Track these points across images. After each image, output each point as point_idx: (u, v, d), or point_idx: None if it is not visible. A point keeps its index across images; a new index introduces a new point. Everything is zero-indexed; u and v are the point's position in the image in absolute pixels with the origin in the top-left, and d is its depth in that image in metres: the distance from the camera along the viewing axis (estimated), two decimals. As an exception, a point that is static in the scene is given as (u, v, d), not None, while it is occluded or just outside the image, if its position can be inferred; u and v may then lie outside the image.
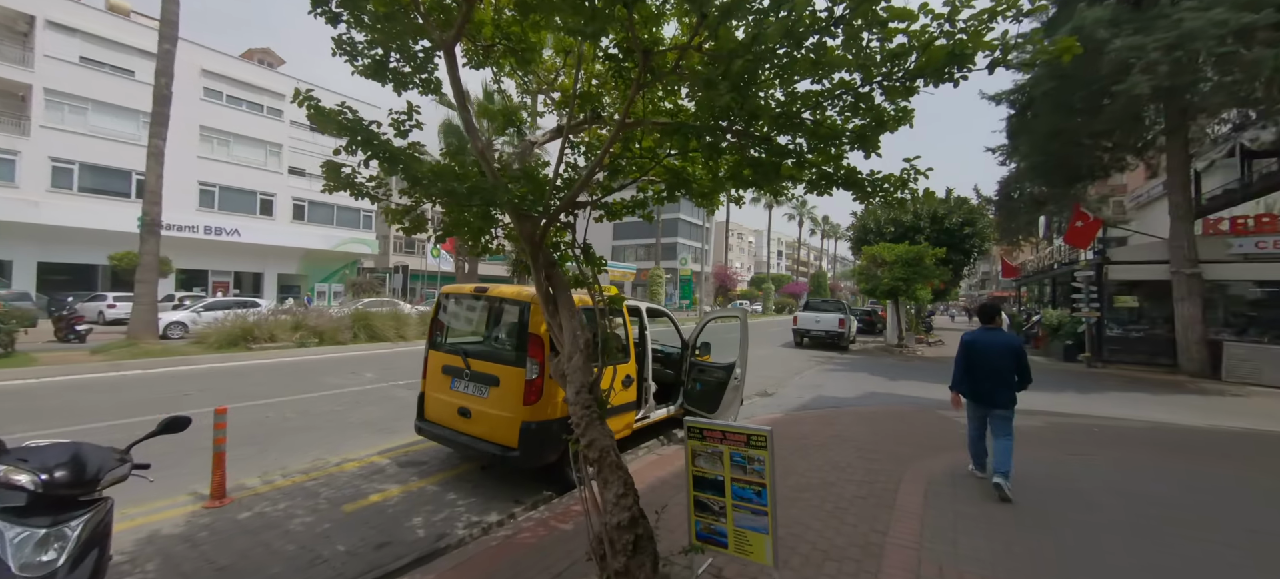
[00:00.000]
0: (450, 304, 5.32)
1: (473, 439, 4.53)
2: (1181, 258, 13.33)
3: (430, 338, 5.15)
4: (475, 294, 5.17)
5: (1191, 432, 7.32)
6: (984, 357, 4.68)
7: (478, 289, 5.14)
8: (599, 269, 3.31)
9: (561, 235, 3.12)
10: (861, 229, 28.64)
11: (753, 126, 2.43)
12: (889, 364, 15.09)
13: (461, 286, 5.25)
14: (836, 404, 8.96)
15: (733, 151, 2.70)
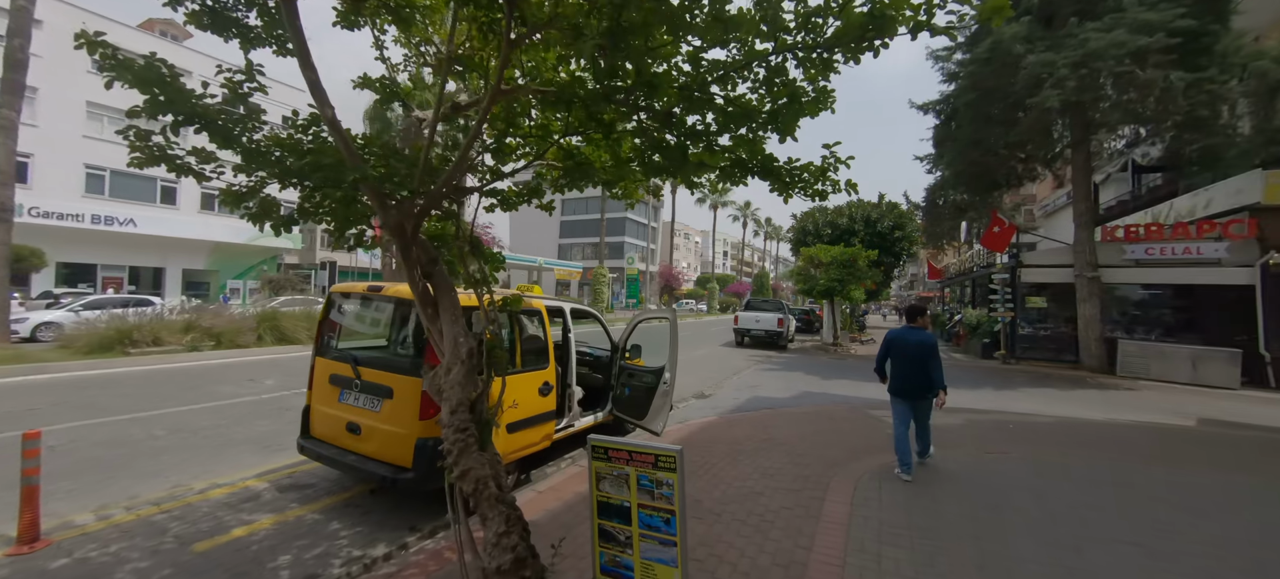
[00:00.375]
0: (342, 304, 4.70)
1: (362, 459, 3.98)
2: (1084, 262, 14.38)
3: (318, 342, 4.52)
4: (369, 293, 4.59)
5: (1094, 426, 7.73)
6: (903, 351, 5.12)
7: (371, 287, 4.57)
8: (496, 266, 2.89)
9: (447, 226, 2.67)
10: (800, 231, 29.42)
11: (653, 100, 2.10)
12: (824, 363, 15.41)
13: (354, 285, 4.65)
14: (772, 405, 8.90)
15: (639, 134, 2.37)
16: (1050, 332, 16.33)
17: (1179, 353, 13.10)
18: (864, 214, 27.66)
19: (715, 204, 56.79)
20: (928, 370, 4.99)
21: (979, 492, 4.70)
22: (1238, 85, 11.13)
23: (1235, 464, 5.90)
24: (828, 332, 20.50)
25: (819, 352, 18.95)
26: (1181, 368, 12.94)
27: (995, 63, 11.98)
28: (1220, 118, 11.55)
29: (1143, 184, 20.38)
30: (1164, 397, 11.12)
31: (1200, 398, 10.98)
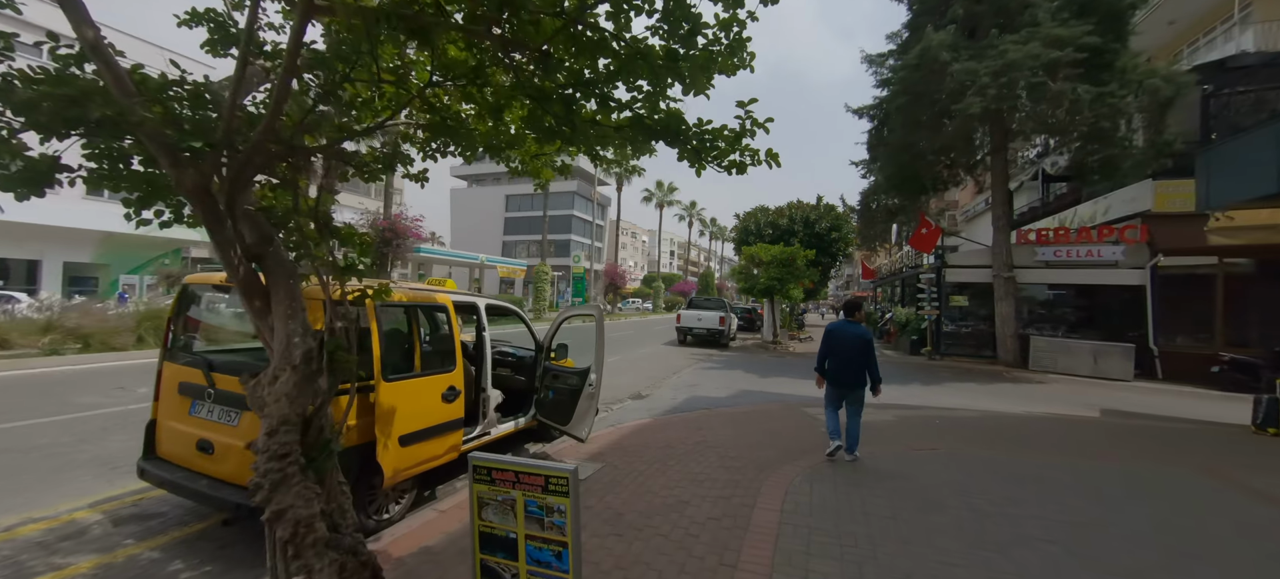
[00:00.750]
0: (199, 297, 3.98)
1: (215, 483, 3.32)
2: (1001, 263, 15.22)
3: (166, 345, 3.79)
4: (228, 283, 3.90)
5: (1012, 419, 8.02)
6: (841, 343, 5.45)
7: (233, 278, 3.88)
8: (363, 251, 2.37)
9: (283, 198, 2.14)
10: (743, 231, 29.83)
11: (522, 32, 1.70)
12: (764, 361, 15.51)
13: (210, 275, 3.94)
14: (709, 404, 8.69)
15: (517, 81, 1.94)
16: (971, 329, 17.23)
17: (1082, 348, 14.10)
18: (803, 215, 28.41)
19: (661, 202, 56.90)
20: (863, 364, 5.36)
21: (908, 491, 4.61)
22: (1133, 101, 12.04)
23: (1138, 453, 6.20)
24: (768, 330, 20.80)
25: (759, 350, 19.14)
26: (1084, 362, 13.92)
27: (924, 69, 12.41)
28: (1119, 131, 12.47)
29: (1051, 192, 22.00)
30: (1070, 389, 11.88)
31: (1101, 390, 11.81)
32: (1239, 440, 7.03)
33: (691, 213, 65.38)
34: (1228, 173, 8.02)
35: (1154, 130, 12.43)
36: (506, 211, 74.44)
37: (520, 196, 71.28)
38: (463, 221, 74.00)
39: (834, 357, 5.45)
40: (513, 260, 54.54)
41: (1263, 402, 7.64)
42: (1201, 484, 5.07)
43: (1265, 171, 7.34)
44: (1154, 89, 11.87)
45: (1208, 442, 6.92)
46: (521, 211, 69.96)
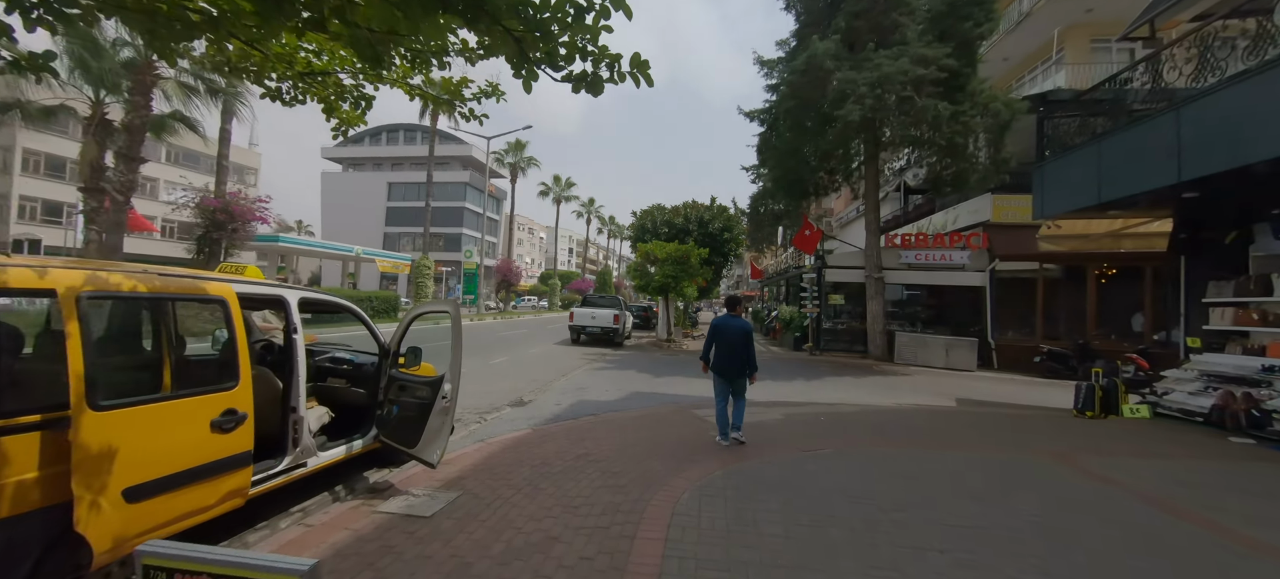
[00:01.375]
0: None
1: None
2: (872, 264, 16.39)
3: None
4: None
5: (886, 413, 8.33)
6: (725, 336, 5.97)
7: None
8: None
9: None
10: (639, 228, 29.64)
11: None
12: (657, 360, 15.25)
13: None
14: (598, 410, 8.04)
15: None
16: (846, 326, 18.47)
17: (937, 342, 15.60)
18: (698, 215, 28.83)
19: (558, 197, 55.45)
20: (744, 353, 5.92)
21: (799, 503, 4.29)
22: (980, 121, 13.45)
23: (999, 442, 6.59)
24: (662, 328, 20.72)
25: (654, 348, 18.96)
26: (938, 354, 15.41)
27: (810, 75, 12.88)
28: (968, 148, 13.88)
29: (910, 202, 24.48)
30: (929, 380, 12.97)
31: (953, 380, 13.03)
32: (1068, 424, 7.85)
33: (590, 210, 64.67)
34: (1057, 186, 9.04)
35: (994, 149, 14.00)
36: (389, 200, 68.31)
37: (405, 185, 65.76)
38: (337, 209, 66.49)
39: (719, 348, 5.97)
40: (396, 254, 49.89)
41: (1082, 389, 8.66)
42: (1057, 471, 5.39)
43: (1087, 186, 8.32)
44: (996, 111, 13.35)
45: (1047, 426, 7.62)
46: (406, 201, 64.49)
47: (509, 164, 48.13)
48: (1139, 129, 7.26)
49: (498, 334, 21.80)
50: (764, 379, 12.34)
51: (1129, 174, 7.40)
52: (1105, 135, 7.88)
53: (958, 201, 18.47)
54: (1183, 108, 6.59)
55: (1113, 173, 7.73)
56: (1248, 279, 7.70)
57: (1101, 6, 16.96)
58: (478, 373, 11.12)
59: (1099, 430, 7.39)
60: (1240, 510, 4.33)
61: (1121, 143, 7.56)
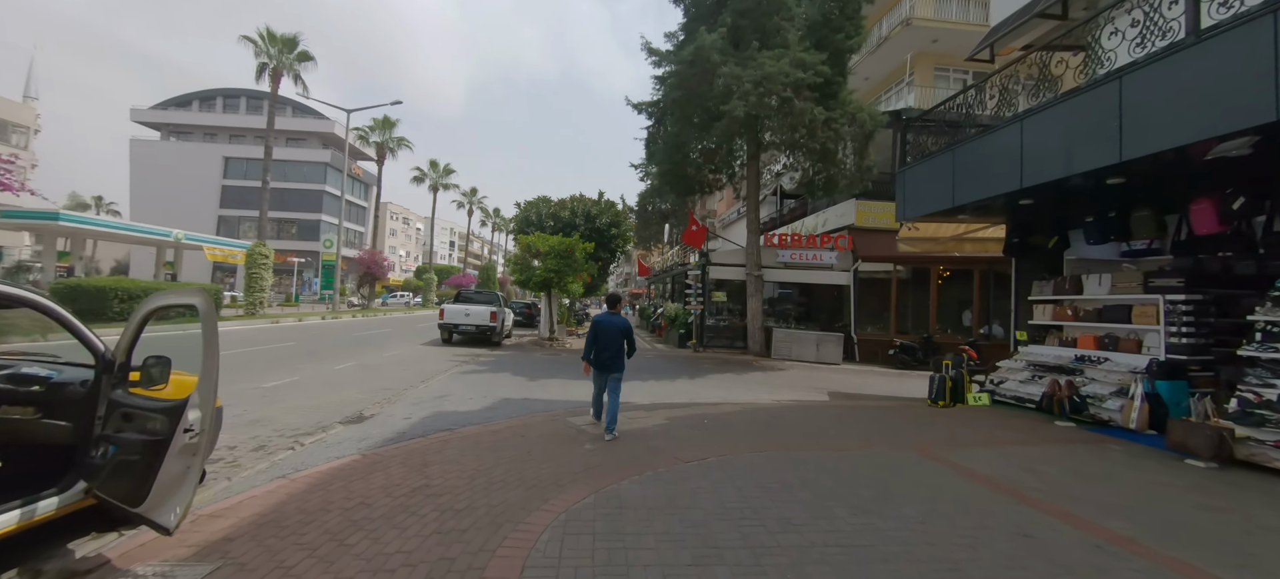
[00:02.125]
0: None
1: None
2: (753, 262, 16.81)
3: None
4: None
5: (767, 412, 8.18)
6: (605, 332, 6.18)
7: None
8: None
9: None
10: (523, 221, 28.06)
11: None
12: (537, 360, 14.15)
13: None
14: (455, 423, 6.85)
15: None
16: (728, 323, 18.85)
17: (808, 338, 16.40)
18: (585, 209, 27.98)
19: (435, 185, 51.04)
20: (621, 349, 6.19)
21: (680, 532, 3.64)
22: (848, 129, 14.26)
23: (869, 436, 6.60)
24: (545, 325, 19.58)
25: (535, 347, 17.77)
26: (810, 349, 16.21)
27: (697, 66, 12.68)
28: (839, 154, 14.66)
29: (785, 206, 25.93)
30: (803, 374, 13.45)
31: (823, 374, 13.65)
32: (924, 414, 8.28)
33: (472, 200, 60.65)
34: (917, 190, 9.62)
35: (859, 156, 14.96)
36: (226, 178, 58.36)
37: (246, 161, 56.49)
38: (154, 185, 55.13)
39: (599, 344, 6.19)
40: (230, 240, 42.39)
41: (934, 380, 9.29)
42: (926, 470, 5.38)
43: (943, 191, 8.88)
44: (862, 122, 14.24)
45: (908, 418, 7.94)
46: (247, 179, 55.35)
47: (375, 143, 43.20)
48: (988, 139, 7.82)
49: (353, 334, 19.07)
50: (649, 379, 12.01)
51: (979, 180, 7.95)
52: (959, 144, 8.44)
53: (827, 206, 19.73)
54: (1025, 121, 7.13)
55: (965, 179, 8.28)
56: (1063, 280, 8.71)
57: (944, 38, 19.09)
58: (310, 384, 9.22)
59: (951, 419, 7.84)
60: (1090, 499, 4.52)
61: (973, 151, 8.11)
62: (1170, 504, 4.45)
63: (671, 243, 33.85)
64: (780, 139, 14.58)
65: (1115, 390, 7.25)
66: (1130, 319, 7.62)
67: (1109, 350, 7.80)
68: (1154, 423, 6.73)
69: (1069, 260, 9.00)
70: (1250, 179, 6.12)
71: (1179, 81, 5.31)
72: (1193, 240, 7.38)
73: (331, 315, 28.08)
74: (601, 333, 6.16)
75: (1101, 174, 6.56)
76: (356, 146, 52.38)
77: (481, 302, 17.95)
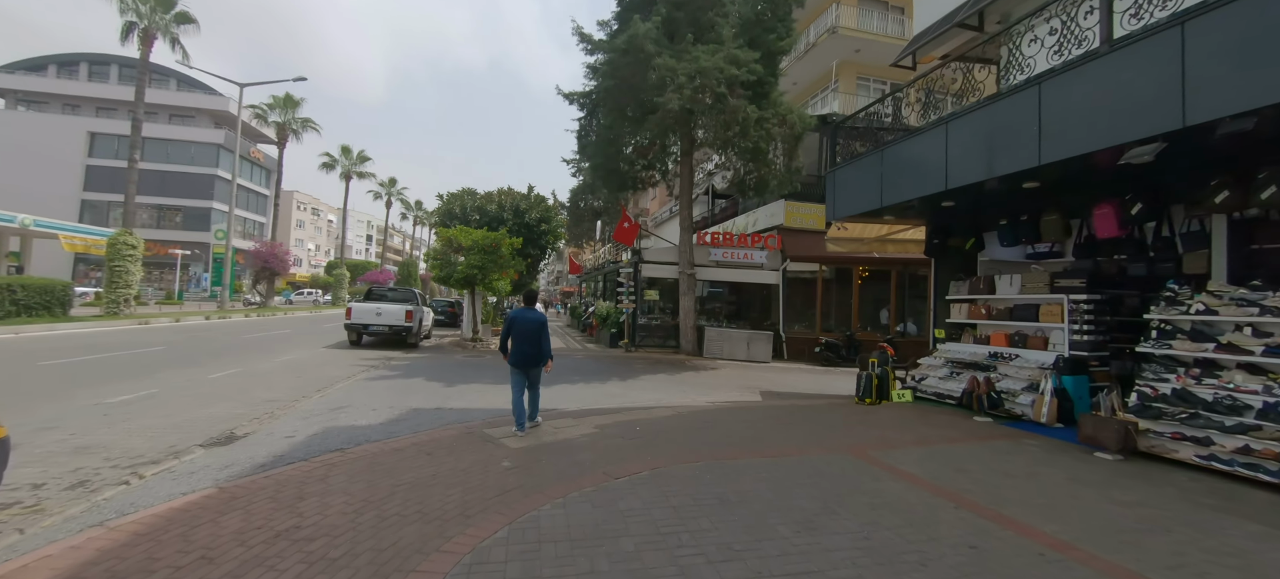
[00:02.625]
0: None
1: None
2: (686, 260, 16.63)
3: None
4: None
5: (702, 415, 7.85)
6: (522, 328, 6.16)
7: None
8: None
9: None
10: (447, 214, 26.45)
11: None
12: (457, 363, 13.10)
13: None
14: (350, 440, 5.91)
15: None
16: (660, 322, 18.59)
17: (740, 336, 16.46)
18: (513, 203, 26.83)
19: (348, 172, 46.93)
20: (540, 343, 6.21)
21: (606, 571, 3.12)
22: (779, 130, 14.39)
23: (804, 439, 6.41)
24: (468, 325, 18.36)
25: (456, 349, 16.57)
26: (741, 348, 16.27)
27: (631, 54, 12.22)
28: (770, 154, 14.77)
29: (717, 206, 26.18)
30: (735, 373, 13.39)
31: (754, 372, 13.67)
32: (854, 412, 8.30)
33: (390, 191, 56.60)
34: (847, 190, 9.71)
35: (789, 157, 15.16)
36: (91, 157, 50.85)
37: (116, 138, 49.36)
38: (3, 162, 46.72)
39: (516, 339, 6.17)
40: (93, 228, 36.73)
41: (862, 378, 9.40)
42: (864, 474, 5.20)
43: (870, 191, 8.98)
44: (792, 123, 14.41)
45: (839, 417, 7.89)
46: (120, 160, 48.32)
47: (276, 123, 39.03)
48: (916, 141, 7.94)
49: (241, 337, 16.90)
50: (579, 382, 11.40)
51: (907, 182, 8.06)
52: (888, 146, 8.54)
53: (757, 206, 20.01)
54: (950, 124, 7.25)
55: (893, 180, 8.39)
56: (978, 280, 9.08)
57: (866, 49, 19.92)
58: (172, 397, 7.79)
59: (879, 418, 7.89)
60: (1022, 500, 4.48)
61: (901, 154, 8.22)
62: (1094, 502, 4.51)
63: (603, 240, 33.36)
64: (714, 136, 14.46)
65: (1027, 386, 7.58)
66: (1038, 318, 8.01)
67: (1019, 347, 8.17)
68: (1062, 416, 7.07)
69: (982, 261, 9.43)
70: (1146, 187, 6.53)
71: (1094, 89, 5.49)
72: (1092, 244, 7.89)
73: (219, 315, 24.93)
74: (517, 327, 6.18)
75: (1019, 178, 6.77)
76: (253, 127, 47.30)
77: (396, 299, 16.48)
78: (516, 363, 6.13)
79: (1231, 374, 5.45)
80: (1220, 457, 5.08)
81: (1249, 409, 5.16)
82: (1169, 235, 6.85)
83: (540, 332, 6.20)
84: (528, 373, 6.19)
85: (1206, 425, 5.31)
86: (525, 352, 6.12)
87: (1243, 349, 5.33)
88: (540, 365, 6.27)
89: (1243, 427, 5.08)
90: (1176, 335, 5.92)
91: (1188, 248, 6.52)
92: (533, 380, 6.28)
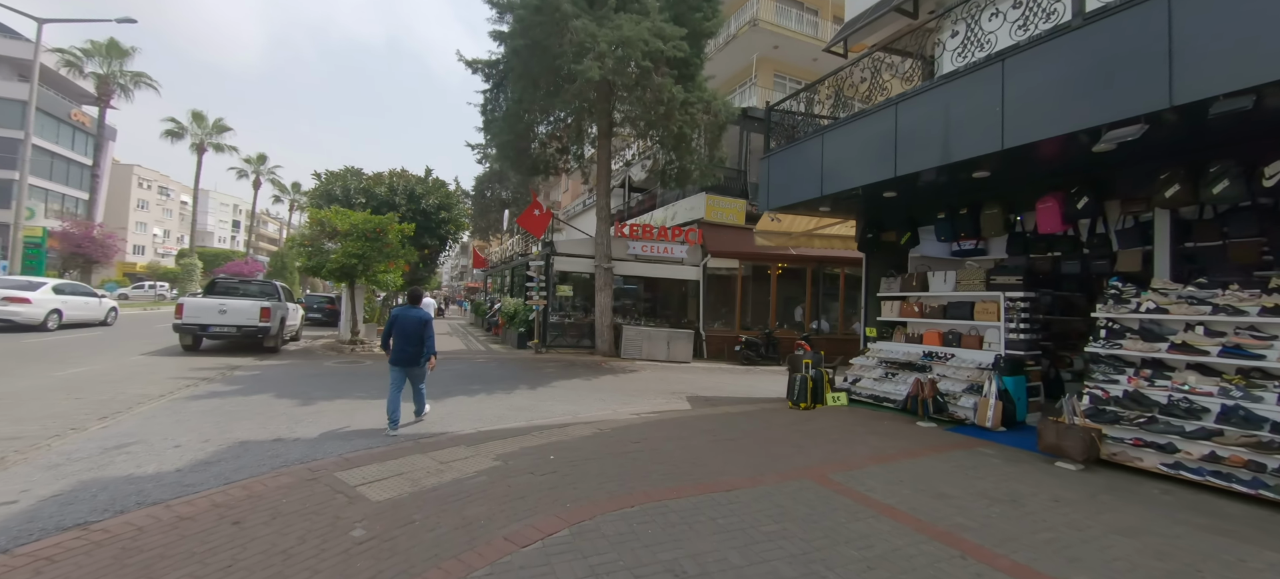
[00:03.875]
0: None
1: None
2: (603, 254, 15.33)
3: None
4: None
5: (627, 432, 6.61)
6: (404, 325, 6.20)
7: None
8: None
9: None
10: (324, 195, 22.91)
11: None
12: (325, 373, 10.75)
13: None
14: (110, 504, 3.92)
15: None
16: (574, 320, 17.12)
17: (660, 335, 15.48)
18: (407, 187, 23.80)
19: (202, 143, 39.28)
20: (422, 341, 6.24)
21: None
22: (703, 116, 13.56)
23: (750, 460, 5.40)
24: (345, 325, 15.64)
25: (330, 352, 13.94)
26: (661, 347, 15.31)
27: (545, 13, 10.65)
28: (693, 141, 13.90)
29: (633, 199, 25.15)
30: (657, 375, 12.34)
31: (677, 374, 12.71)
32: (792, 420, 7.49)
33: (258, 169, 48.79)
34: (783, 177, 8.96)
35: (712, 147, 14.42)
36: None
37: None
38: None
39: (397, 338, 6.16)
40: None
41: (796, 381, 8.70)
42: (833, 507, 4.25)
43: (809, 178, 8.27)
44: (717, 111, 13.64)
45: (780, 428, 7.02)
46: None
47: (95, 75, 31.76)
48: (863, 124, 7.28)
49: (25, 341, 12.97)
50: (480, 392, 9.63)
51: (853, 167, 7.39)
52: (832, 129, 7.85)
53: (676, 199, 19.21)
54: (900, 106, 6.63)
55: (837, 166, 7.70)
56: (911, 276, 8.74)
57: (785, 46, 19.89)
58: None
59: (822, 426, 7.14)
60: (1019, 535, 3.73)
61: (847, 136, 7.54)
62: (1100, 534, 3.88)
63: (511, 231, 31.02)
64: (636, 114, 13.30)
65: (967, 387, 7.21)
66: (973, 316, 7.73)
67: (954, 347, 7.86)
68: (1004, 418, 6.74)
69: (913, 258, 9.13)
70: (1091, 180, 6.30)
71: (1065, 65, 4.98)
72: (1021, 240, 7.74)
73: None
74: (399, 325, 6.18)
75: (971, 166, 6.28)
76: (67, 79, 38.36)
77: (249, 293, 13.50)
78: (397, 361, 6.16)
79: (1184, 375, 5.22)
80: (1187, 465, 4.76)
81: (1207, 412, 4.91)
82: (1103, 232, 6.74)
83: (423, 329, 6.21)
84: (409, 371, 6.26)
85: (1166, 430, 5.01)
86: (406, 351, 6.15)
87: (1197, 349, 5.09)
88: (422, 363, 6.31)
89: (1204, 431, 4.80)
90: (1125, 335, 5.67)
91: (1123, 245, 6.39)
92: (416, 378, 6.39)
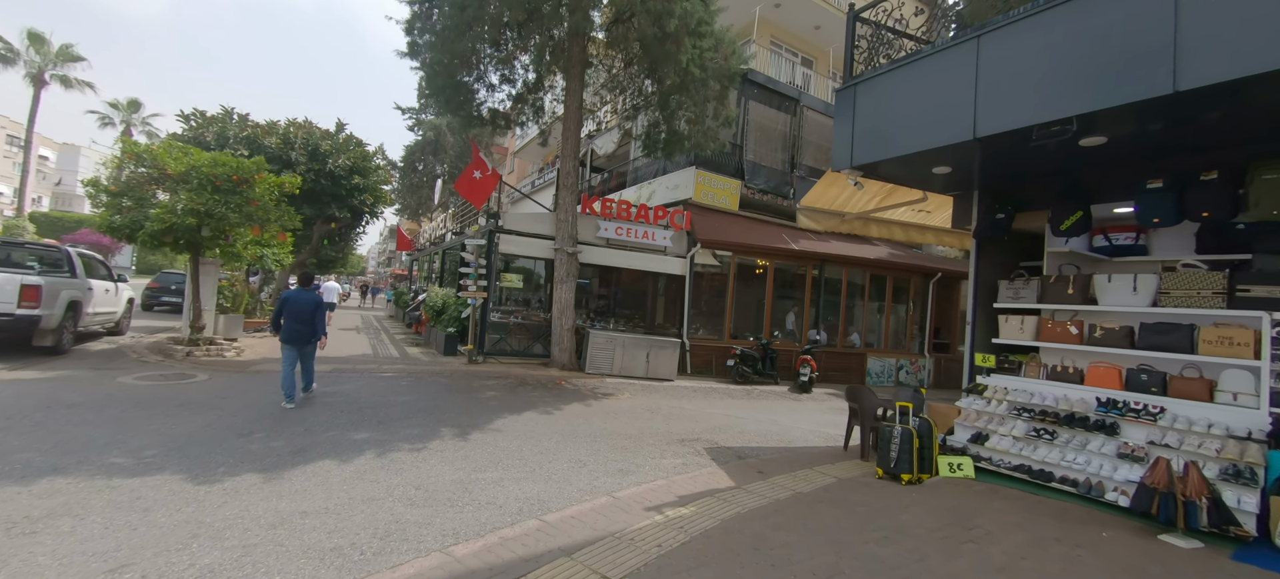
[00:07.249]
0: None
1: None
2: (565, 234, 11.65)
3: None
4: None
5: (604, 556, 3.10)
6: (295, 307, 6.47)
7: None
8: None
9: None
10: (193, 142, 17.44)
11: None
12: (117, 394, 6.41)
13: None
14: None
15: None
16: (523, 320, 13.27)
17: (638, 344, 11.99)
18: (309, 141, 18.66)
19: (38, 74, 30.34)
20: (313, 322, 6.56)
21: None
22: (714, 59, 10.23)
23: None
24: (188, 314, 10.90)
25: (156, 354, 9.36)
26: (639, 361, 11.82)
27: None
28: (700, 90, 10.50)
29: (594, 179, 21.44)
30: (641, 402, 8.88)
31: (663, 398, 9.29)
32: (915, 515, 4.30)
33: (129, 118, 40.04)
34: (879, 117, 5.73)
35: (720, 102, 11.13)
36: None
37: None
38: None
39: (288, 319, 6.43)
40: None
41: (891, 437, 5.54)
42: None
43: (942, 113, 5.08)
44: (729, 53, 10.36)
45: (912, 539, 3.80)
46: None
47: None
48: (1068, 8, 4.13)
49: None
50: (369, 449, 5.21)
51: (1053, 86, 4.23)
52: (997, 27, 4.68)
53: (657, 175, 15.78)
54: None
55: (1010, 86, 4.54)
56: (1062, 279, 5.79)
57: (787, 5, 16.98)
58: None
59: (980, 539, 3.96)
60: None
61: (1036, 30, 4.38)
62: None
63: (445, 205, 26.30)
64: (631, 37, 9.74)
65: (1221, 471, 4.28)
66: (1194, 345, 4.85)
67: (1156, 395, 4.96)
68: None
69: (1052, 253, 6.21)
70: None
71: None
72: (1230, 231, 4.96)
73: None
74: (289, 306, 6.46)
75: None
76: None
77: (9, 262, 8.68)
78: (288, 340, 6.42)
79: None
80: None
81: None
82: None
83: (314, 312, 6.54)
84: (300, 350, 6.52)
85: None
86: (298, 330, 6.44)
87: None
88: (312, 343, 6.65)
89: None
90: None
91: None
92: (306, 356, 6.68)
